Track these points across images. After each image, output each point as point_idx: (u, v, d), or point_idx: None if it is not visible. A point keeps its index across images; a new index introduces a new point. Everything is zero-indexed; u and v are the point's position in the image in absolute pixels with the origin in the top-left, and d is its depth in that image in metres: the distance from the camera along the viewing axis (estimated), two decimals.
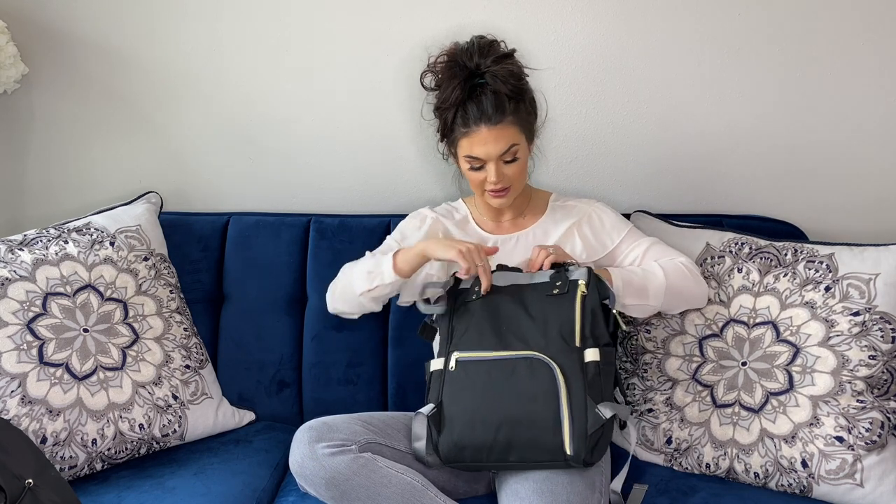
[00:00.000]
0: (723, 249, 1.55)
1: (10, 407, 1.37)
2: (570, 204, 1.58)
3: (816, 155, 1.74)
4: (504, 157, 1.43)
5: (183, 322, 1.62)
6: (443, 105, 1.45)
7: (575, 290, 1.37)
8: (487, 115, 1.40)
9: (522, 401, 1.31)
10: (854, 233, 1.74)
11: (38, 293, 1.45)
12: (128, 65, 1.77)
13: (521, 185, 1.51)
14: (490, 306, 1.40)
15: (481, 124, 1.41)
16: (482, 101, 1.41)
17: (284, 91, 1.77)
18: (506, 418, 1.31)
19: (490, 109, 1.40)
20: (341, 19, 1.72)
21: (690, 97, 1.72)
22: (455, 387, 1.36)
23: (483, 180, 1.46)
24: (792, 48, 1.68)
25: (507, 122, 1.42)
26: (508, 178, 1.45)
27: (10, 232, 1.75)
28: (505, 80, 1.41)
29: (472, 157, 1.44)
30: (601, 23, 1.69)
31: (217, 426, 1.60)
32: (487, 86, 1.42)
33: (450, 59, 1.45)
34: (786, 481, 1.41)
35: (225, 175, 1.83)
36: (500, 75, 1.41)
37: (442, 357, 1.41)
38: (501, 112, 1.41)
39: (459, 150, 1.46)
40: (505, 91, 1.41)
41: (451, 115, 1.44)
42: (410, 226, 1.61)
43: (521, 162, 1.46)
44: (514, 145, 1.43)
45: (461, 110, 1.43)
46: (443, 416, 1.36)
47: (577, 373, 1.32)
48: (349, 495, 1.28)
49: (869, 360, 1.40)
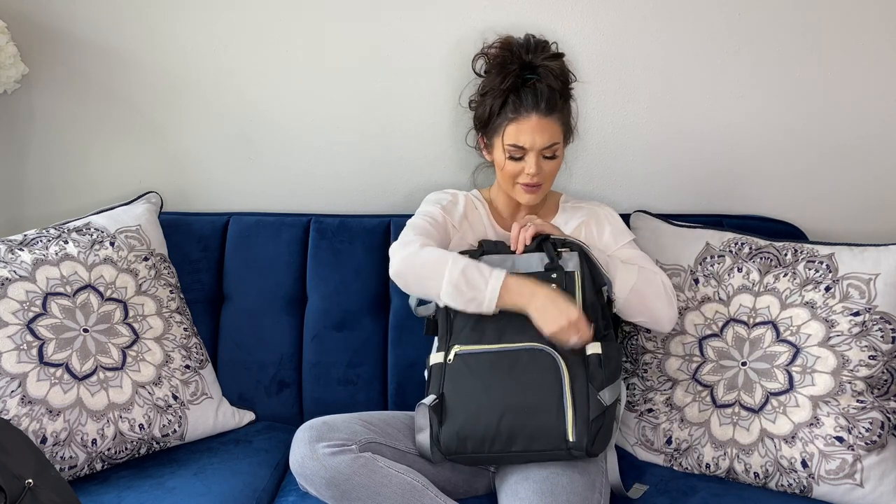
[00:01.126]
0: (723, 249, 1.55)
1: (10, 407, 1.37)
2: (580, 205, 1.60)
3: (816, 155, 1.74)
4: (546, 151, 1.45)
5: (183, 322, 1.62)
6: (492, 90, 1.47)
7: (573, 285, 1.37)
8: (540, 105, 1.43)
9: (525, 389, 1.32)
10: (854, 233, 1.74)
11: (38, 293, 1.45)
12: (128, 65, 1.77)
13: (550, 185, 1.52)
14: None
15: (532, 113, 1.43)
16: (537, 90, 1.44)
17: (284, 91, 1.77)
18: (508, 406, 1.32)
19: (543, 100, 1.43)
20: (341, 20, 1.72)
21: (690, 97, 1.72)
22: (456, 378, 1.37)
23: (519, 172, 1.46)
24: (792, 48, 1.68)
25: (556, 117, 1.45)
26: (544, 173, 1.47)
27: (10, 232, 1.75)
28: (556, 77, 1.47)
29: (515, 146, 1.45)
30: (600, 23, 1.69)
31: (217, 426, 1.60)
32: (540, 80, 1.45)
33: (504, 48, 1.50)
34: (786, 481, 1.41)
35: (225, 175, 1.83)
36: (553, 71, 1.47)
37: (441, 351, 1.41)
38: (552, 105, 1.44)
39: (503, 138, 1.46)
40: (557, 87, 1.46)
41: (501, 102, 1.46)
42: (447, 198, 1.57)
43: (557, 161, 1.48)
44: (556, 143, 1.46)
45: (513, 96, 1.45)
46: (445, 407, 1.36)
47: (580, 364, 1.34)
48: (349, 495, 1.28)
49: (869, 361, 1.40)
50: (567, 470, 1.33)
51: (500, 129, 1.46)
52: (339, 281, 1.70)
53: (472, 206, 1.59)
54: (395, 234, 1.69)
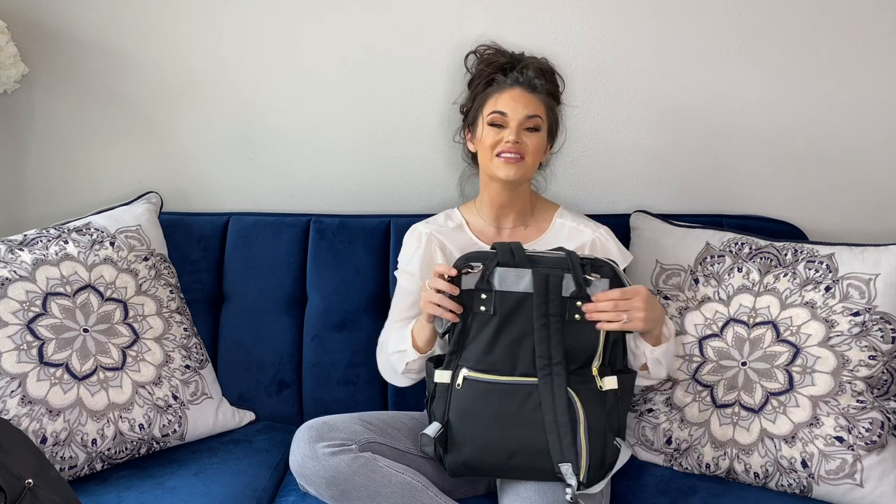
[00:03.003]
0: (723, 249, 1.55)
1: (10, 407, 1.37)
2: (576, 226, 1.54)
3: (816, 155, 1.74)
4: (527, 122, 1.46)
5: (183, 322, 1.62)
6: (478, 76, 1.57)
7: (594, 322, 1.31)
8: (524, 82, 1.49)
9: (538, 430, 1.28)
10: (854, 233, 1.74)
11: (38, 293, 1.45)
12: (128, 65, 1.77)
13: (533, 167, 1.49)
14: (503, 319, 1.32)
15: (516, 86, 1.48)
16: (523, 71, 1.51)
17: (284, 91, 1.77)
18: (519, 448, 1.29)
19: (526, 79, 1.49)
20: (341, 20, 1.72)
21: (690, 97, 1.72)
22: (463, 406, 1.32)
23: (499, 141, 1.45)
24: (792, 48, 1.68)
25: (539, 96, 1.49)
26: (525, 146, 1.45)
27: (10, 232, 1.75)
28: (543, 71, 1.56)
29: (497, 112, 1.46)
30: (600, 24, 1.69)
31: (217, 426, 1.60)
32: (526, 67, 1.53)
33: (495, 49, 1.62)
34: (786, 481, 1.41)
35: (225, 175, 1.83)
36: (541, 66, 1.57)
37: (449, 370, 1.35)
38: (534, 87, 1.49)
39: (485, 109, 1.49)
40: (541, 79, 1.52)
41: (485, 83, 1.53)
42: (409, 249, 1.57)
43: (539, 137, 1.47)
44: (538, 115, 1.47)
45: (499, 76, 1.52)
46: (450, 436, 1.33)
47: (597, 402, 1.31)
48: (349, 495, 1.28)
49: (869, 361, 1.40)
50: None
51: (484, 104, 1.50)
52: (339, 281, 1.70)
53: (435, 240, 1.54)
54: (394, 235, 1.70)
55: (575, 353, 1.31)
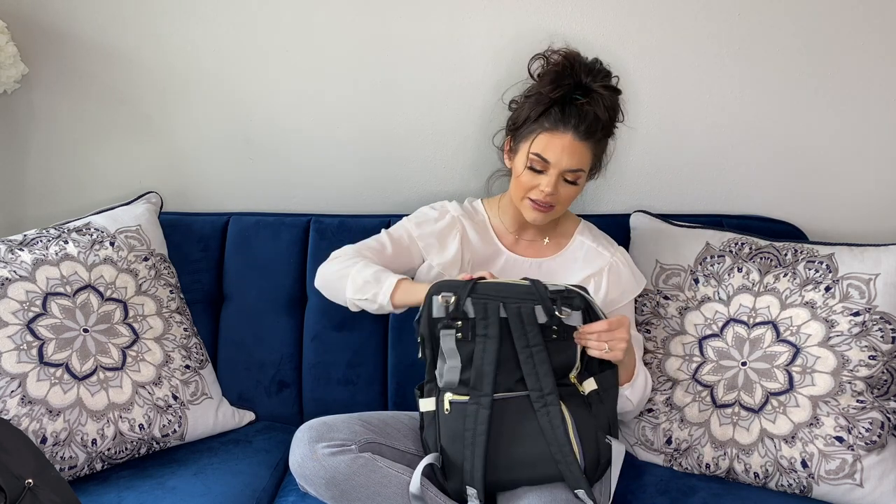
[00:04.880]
0: (723, 249, 1.55)
1: (10, 407, 1.37)
2: (595, 247, 1.52)
3: (816, 155, 1.74)
4: (568, 174, 1.40)
5: (183, 322, 1.62)
6: (539, 95, 1.41)
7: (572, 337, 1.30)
8: (580, 127, 1.37)
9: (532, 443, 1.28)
10: (854, 233, 1.74)
11: (38, 293, 1.45)
12: (128, 65, 1.77)
13: (562, 211, 1.47)
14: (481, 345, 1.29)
15: (570, 131, 1.37)
16: (583, 111, 1.38)
17: (284, 91, 1.77)
18: (516, 462, 1.29)
19: (585, 123, 1.37)
20: (341, 20, 1.72)
21: (690, 97, 1.72)
22: (453, 431, 1.30)
23: (533, 186, 1.41)
24: (792, 48, 1.68)
25: (590, 144, 1.40)
26: (559, 197, 1.41)
27: (10, 232, 1.75)
28: (606, 108, 1.40)
29: (540, 157, 1.39)
30: (600, 24, 1.69)
31: (217, 426, 1.60)
32: (590, 104, 1.39)
33: (567, 60, 1.44)
34: (786, 481, 1.41)
35: (225, 175, 1.83)
36: (605, 101, 1.40)
37: (432, 398, 1.34)
38: (592, 132, 1.39)
39: (531, 146, 1.39)
40: (602, 118, 1.40)
41: (542, 110, 1.39)
42: (429, 216, 1.56)
43: (576, 189, 1.42)
44: (581, 170, 1.40)
45: (557, 108, 1.38)
46: (447, 462, 1.31)
47: (581, 405, 1.31)
48: (349, 495, 1.28)
49: (869, 361, 1.40)
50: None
51: (531, 136, 1.40)
52: None
53: (460, 224, 1.53)
54: None
55: (559, 373, 1.31)
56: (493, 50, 1.71)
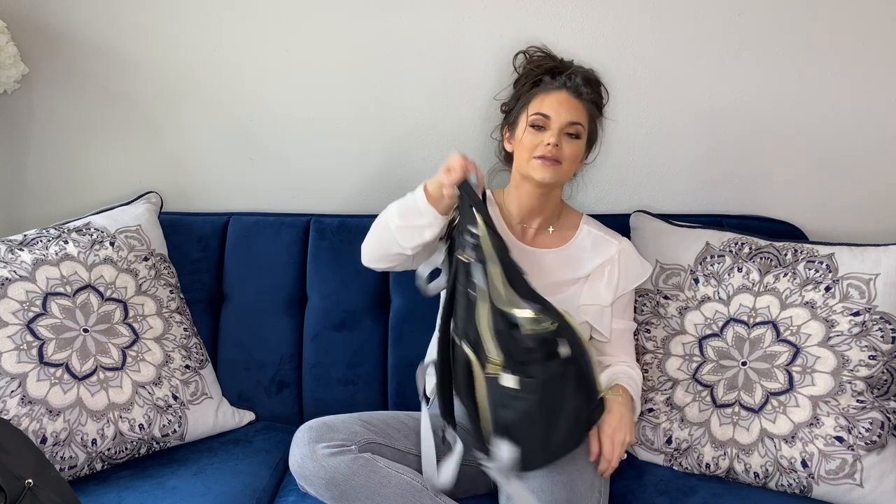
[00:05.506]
0: (723, 249, 1.55)
1: (10, 407, 1.37)
2: (602, 235, 1.54)
3: (817, 155, 1.74)
4: (569, 128, 1.45)
5: (183, 322, 1.62)
6: (525, 76, 1.56)
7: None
8: (571, 86, 1.48)
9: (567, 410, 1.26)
10: (854, 233, 1.74)
11: (38, 293, 1.45)
12: (128, 65, 1.77)
13: (568, 173, 1.48)
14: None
15: (563, 89, 1.48)
16: (570, 77, 1.50)
17: (285, 91, 1.77)
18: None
19: (574, 84, 1.49)
20: (341, 20, 1.72)
21: (690, 97, 1.72)
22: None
23: (539, 144, 1.44)
24: (792, 48, 1.68)
25: (584, 104, 1.48)
26: (564, 152, 1.44)
27: (10, 232, 1.75)
28: (589, 80, 1.54)
29: (540, 115, 1.45)
30: (600, 24, 1.69)
31: (217, 426, 1.60)
32: (572, 75, 1.51)
33: (545, 53, 1.63)
34: (786, 481, 1.41)
35: (225, 175, 1.83)
36: (588, 76, 1.55)
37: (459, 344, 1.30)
38: (580, 94, 1.49)
39: (528, 110, 1.47)
40: (587, 87, 1.51)
41: (532, 83, 1.53)
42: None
43: (578, 145, 1.47)
44: (580, 123, 1.46)
45: (547, 77, 1.52)
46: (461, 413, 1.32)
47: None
48: (349, 495, 1.28)
49: (869, 361, 1.40)
50: (567, 468, 1.33)
51: (527, 103, 1.49)
52: (339, 281, 1.70)
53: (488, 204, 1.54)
54: None
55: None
56: (492, 50, 1.71)
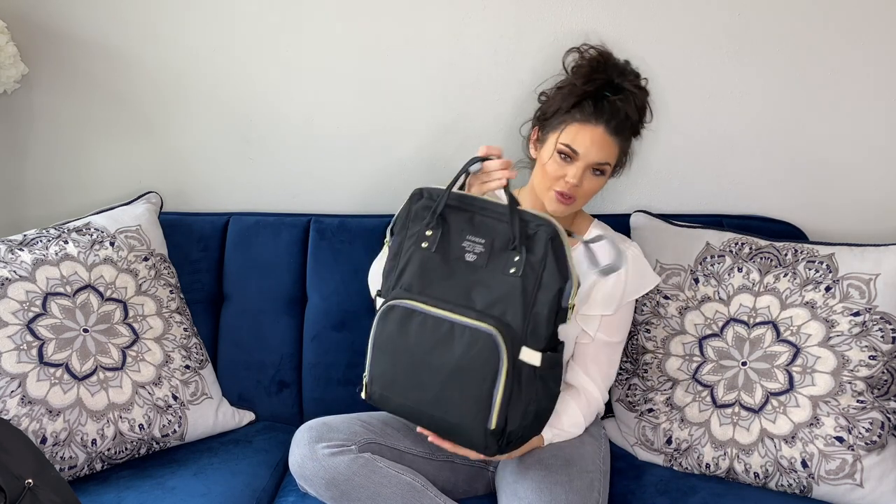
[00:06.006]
0: (723, 249, 1.55)
1: (10, 407, 1.37)
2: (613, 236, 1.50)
3: (817, 155, 1.74)
4: (595, 166, 1.39)
5: (183, 322, 1.62)
6: (571, 87, 1.42)
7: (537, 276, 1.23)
8: (612, 121, 1.38)
9: (451, 381, 1.22)
10: (854, 233, 1.74)
11: (38, 293, 1.45)
12: (128, 65, 1.77)
13: (582, 204, 1.46)
14: (445, 255, 1.29)
15: (601, 124, 1.38)
16: (616, 107, 1.39)
17: (284, 91, 1.77)
18: (425, 400, 1.25)
19: (616, 120, 1.39)
20: (342, 20, 1.72)
21: (690, 97, 1.72)
22: (379, 341, 1.30)
23: (560, 177, 1.40)
24: (792, 48, 1.68)
25: (619, 140, 1.40)
26: (583, 188, 1.41)
27: (10, 232, 1.75)
28: (637, 107, 1.43)
29: (569, 147, 1.38)
30: (599, 24, 1.69)
31: (217, 426, 1.60)
32: (620, 101, 1.40)
33: (601, 56, 1.48)
34: (786, 481, 1.41)
35: (225, 175, 1.83)
36: (636, 99, 1.43)
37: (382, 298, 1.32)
38: (621, 129, 1.40)
39: (561, 135, 1.39)
40: (633, 117, 1.42)
41: (574, 101, 1.40)
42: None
43: (600, 182, 1.42)
44: (608, 164, 1.40)
45: (590, 102, 1.39)
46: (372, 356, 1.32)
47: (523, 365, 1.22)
48: (349, 495, 1.28)
49: (869, 361, 1.40)
50: (566, 469, 1.33)
51: (561, 126, 1.40)
52: (339, 281, 1.69)
53: None
54: None
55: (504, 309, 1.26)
56: (492, 50, 1.71)
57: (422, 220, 1.32)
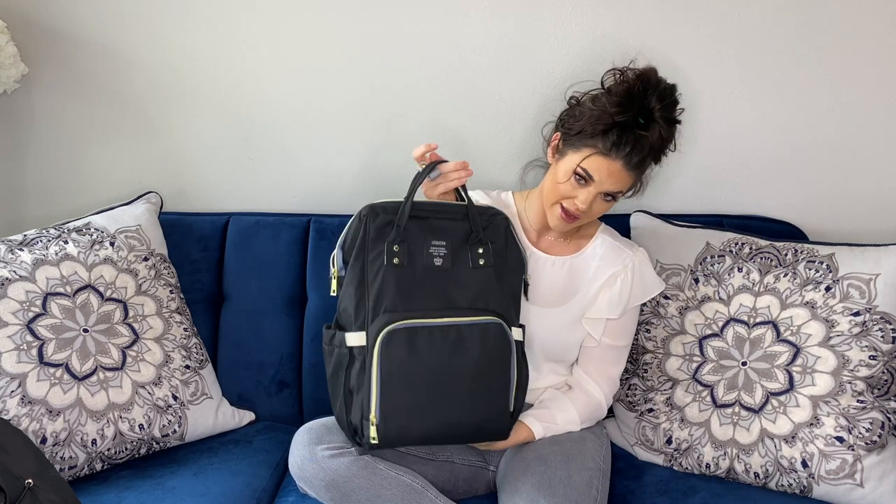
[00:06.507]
0: (723, 249, 1.55)
1: (10, 407, 1.36)
2: (618, 245, 1.51)
3: (817, 155, 1.74)
4: (607, 192, 1.40)
5: (183, 322, 1.62)
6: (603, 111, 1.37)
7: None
8: (633, 158, 1.36)
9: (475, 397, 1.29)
10: (854, 233, 1.74)
11: (38, 293, 1.45)
12: (128, 65, 1.77)
13: (585, 223, 1.47)
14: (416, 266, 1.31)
15: (621, 159, 1.36)
16: (639, 143, 1.36)
17: (284, 91, 1.77)
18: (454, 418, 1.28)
19: (638, 156, 1.37)
20: (342, 21, 1.72)
21: (690, 97, 1.71)
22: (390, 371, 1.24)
23: (570, 197, 1.40)
24: (792, 48, 1.68)
25: (636, 174, 1.41)
26: (590, 211, 1.41)
27: (10, 232, 1.75)
28: (663, 139, 1.40)
29: (586, 173, 1.37)
30: (600, 24, 1.69)
31: (217, 426, 1.60)
32: (649, 134, 1.37)
33: (642, 83, 1.39)
34: (786, 481, 1.41)
35: (225, 175, 1.83)
36: (662, 133, 1.39)
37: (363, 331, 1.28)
38: (640, 167, 1.39)
39: (581, 159, 1.38)
40: (656, 148, 1.40)
41: (602, 127, 1.36)
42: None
43: (609, 206, 1.43)
44: (621, 192, 1.41)
45: (616, 132, 1.36)
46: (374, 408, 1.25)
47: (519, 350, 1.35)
48: (349, 497, 1.28)
49: (869, 361, 1.40)
50: (565, 464, 1.33)
51: (584, 150, 1.38)
52: None
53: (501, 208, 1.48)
54: None
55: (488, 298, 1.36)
56: (493, 50, 1.71)
57: (383, 237, 1.32)
